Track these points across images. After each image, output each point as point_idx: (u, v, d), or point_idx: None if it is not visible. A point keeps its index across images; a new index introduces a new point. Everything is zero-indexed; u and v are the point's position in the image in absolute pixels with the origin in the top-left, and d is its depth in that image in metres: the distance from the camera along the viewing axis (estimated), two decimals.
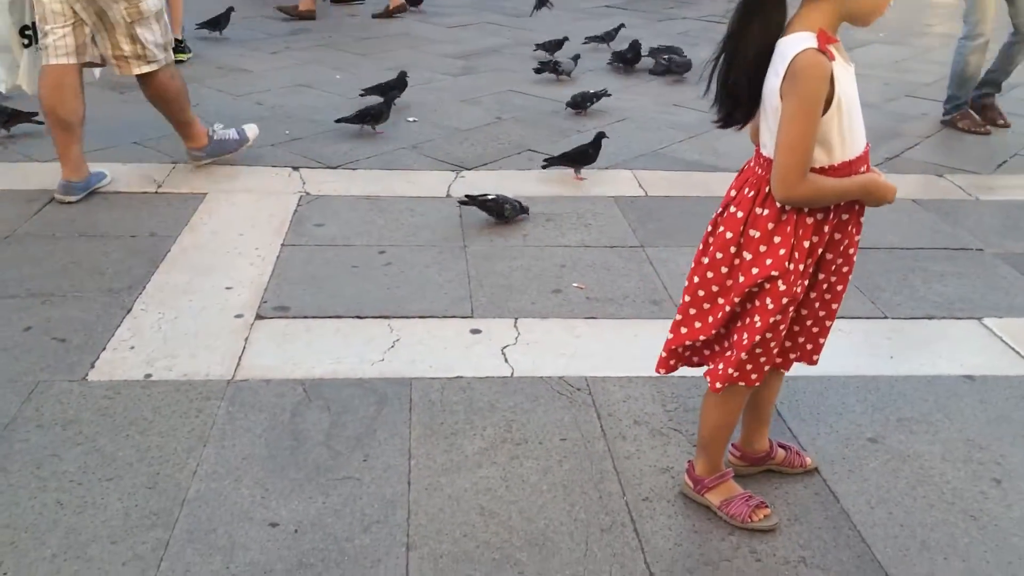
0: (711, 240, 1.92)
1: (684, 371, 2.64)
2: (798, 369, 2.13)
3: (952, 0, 11.04)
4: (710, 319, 1.95)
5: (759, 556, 2.02)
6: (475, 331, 2.90)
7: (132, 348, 2.70)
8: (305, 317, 2.93)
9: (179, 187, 3.97)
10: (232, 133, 4.25)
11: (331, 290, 3.12)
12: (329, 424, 2.40)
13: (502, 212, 3.67)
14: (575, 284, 3.24)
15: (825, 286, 1.92)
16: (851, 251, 1.92)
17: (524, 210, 3.74)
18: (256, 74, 5.95)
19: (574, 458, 2.31)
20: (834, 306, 1.97)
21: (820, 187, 1.75)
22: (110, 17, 3.60)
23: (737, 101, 1.81)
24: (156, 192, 3.91)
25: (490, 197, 3.70)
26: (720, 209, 1.92)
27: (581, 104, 5.29)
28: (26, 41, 3.85)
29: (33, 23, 3.76)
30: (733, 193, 1.89)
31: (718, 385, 1.98)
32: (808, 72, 1.66)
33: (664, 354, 2.09)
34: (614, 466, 2.29)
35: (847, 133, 1.75)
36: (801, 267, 1.83)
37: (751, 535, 2.07)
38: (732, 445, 2.23)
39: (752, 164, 1.87)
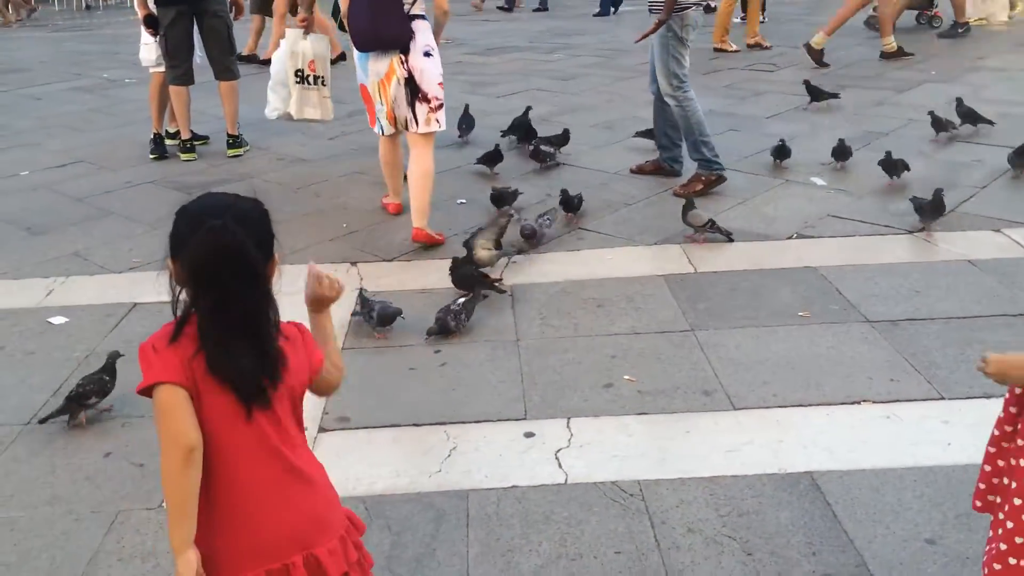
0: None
1: (737, 470, 2.70)
2: (851, 463, 2.07)
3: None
4: None
5: None
6: (529, 434, 2.97)
7: None
8: (365, 428, 3.05)
9: None
10: None
11: (389, 396, 3.23)
12: (390, 546, 2.49)
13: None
14: (626, 377, 3.29)
15: None
16: None
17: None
18: (314, 164, 6.14)
19: (628, 574, 2.35)
20: None
21: None
22: None
23: None
24: None
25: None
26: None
27: None
28: (298, 79, 5.08)
29: (300, 70, 5.08)
30: None
31: None
32: None
33: None
34: None
35: None
36: None
37: None
38: None
39: None
